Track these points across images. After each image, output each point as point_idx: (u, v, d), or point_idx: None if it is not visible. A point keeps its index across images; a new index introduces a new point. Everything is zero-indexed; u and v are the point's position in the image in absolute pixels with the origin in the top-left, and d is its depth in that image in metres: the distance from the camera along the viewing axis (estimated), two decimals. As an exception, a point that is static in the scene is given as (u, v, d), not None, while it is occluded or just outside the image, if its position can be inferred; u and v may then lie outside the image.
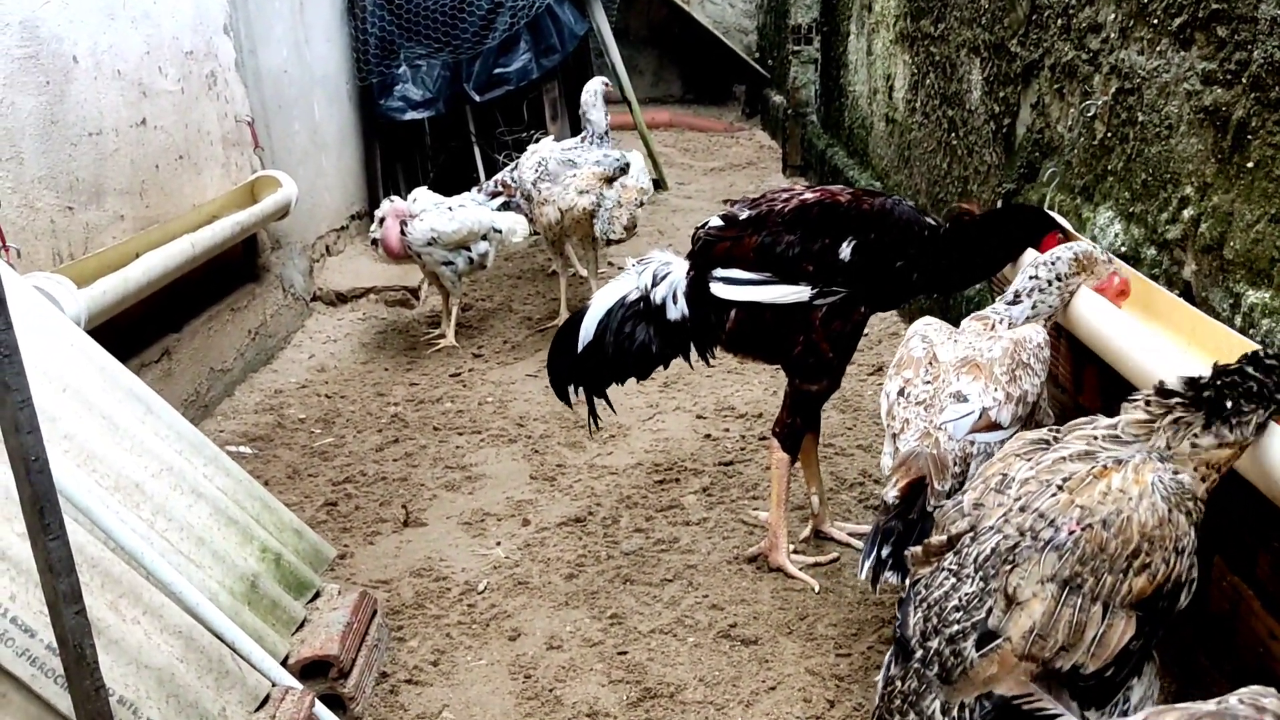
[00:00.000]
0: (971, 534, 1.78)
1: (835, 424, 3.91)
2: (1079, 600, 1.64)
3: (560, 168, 4.95)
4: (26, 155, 3.21)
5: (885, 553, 2.23)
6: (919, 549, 1.94)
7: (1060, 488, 1.71)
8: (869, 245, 2.78)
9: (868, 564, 2.25)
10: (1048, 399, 2.48)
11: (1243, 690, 1.22)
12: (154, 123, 4.01)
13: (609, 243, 5.02)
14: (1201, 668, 2.28)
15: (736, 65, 10.67)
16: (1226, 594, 2.19)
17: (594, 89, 5.29)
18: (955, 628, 1.70)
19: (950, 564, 1.78)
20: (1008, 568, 1.68)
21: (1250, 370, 1.71)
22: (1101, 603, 1.64)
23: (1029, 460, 1.81)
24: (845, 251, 2.78)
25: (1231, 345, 2.13)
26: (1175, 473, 1.73)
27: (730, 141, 9.85)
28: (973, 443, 2.26)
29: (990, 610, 1.68)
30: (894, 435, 2.38)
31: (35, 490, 1.60)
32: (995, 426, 2.27)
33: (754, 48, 11.17)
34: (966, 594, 1.72)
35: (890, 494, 2.28)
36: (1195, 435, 1.70)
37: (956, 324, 3.76)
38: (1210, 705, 1.19)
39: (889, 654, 1.89)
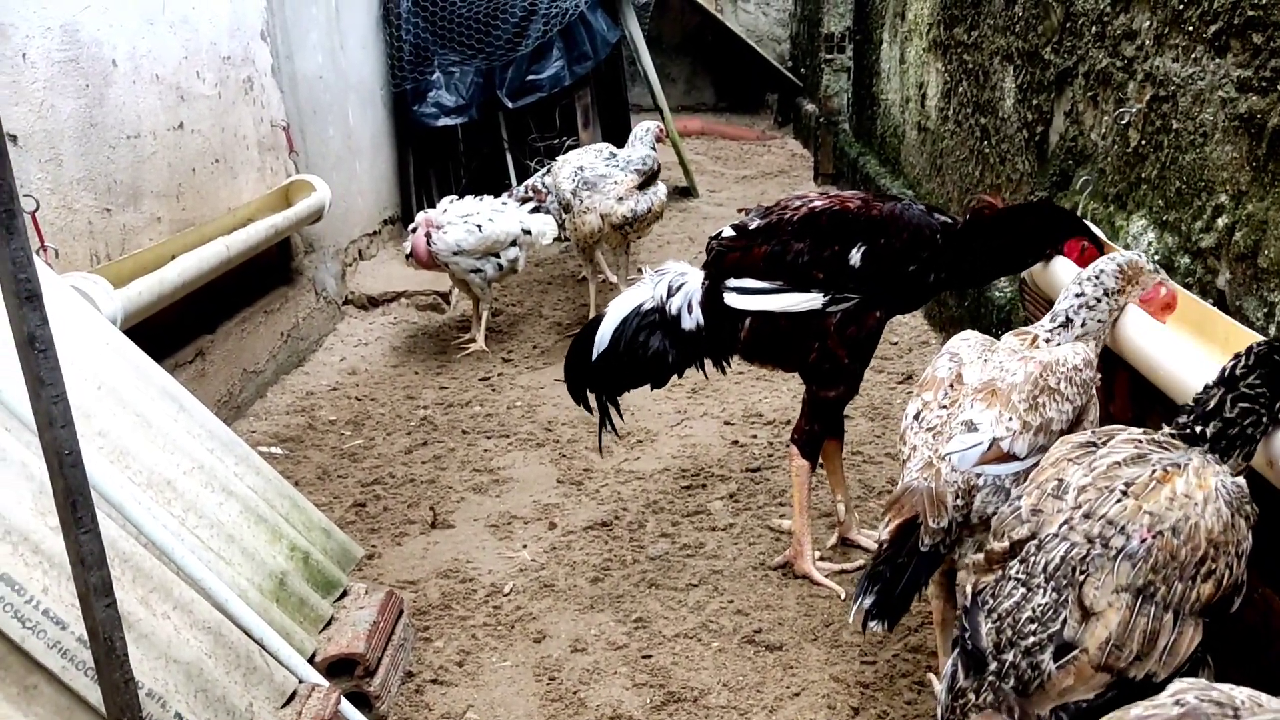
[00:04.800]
0: (1035, 541, 1.76)
1: (864, 431, 3.89)
2: (1152, 609, 1.62)
3: (597, 177, 4.97)
4: (65, 157, 3.27)
5: (869, 602, 2.13)
6: (980, 556, 1.90)
7: (1125, 493, 1.69)
8: (879, 250, 2.77)
9: (854, 609, 2.18)
10: (1097, 421, 2.29)
11: (1183, 684, 1.21)
12: (191, 126, 4.07)
13: (633, 224, 5.01)
14: (1230, 680, 2.24)
15: (769, 73, 10.67)
16: (1258, 606, 2.16)
17: (646, 127, 5.22)
18: (1031, 640, 1.68)
19: (1017, 573, 1.75)
20: (1081, 577, 1.65)
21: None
22: (1173, 611, 1.63)
23: (1080, 464, 1.79)
24: (855, 258, 2.77)
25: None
26: (1233, 474, 1.72)
27: (762, 150, 9.84)
28: (980, 475, 2.15)
29: (1065, 621, 1.66)
30: (904, 462, 2.29)
31: (68, 484, 1.62)
32: (1010, 457, 2.14)
33: (786, 56, 11.17)
34: (1040, 605, 1.69)
35: (882, 533, 2.19)
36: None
37: (988, 332, 3.75)
38: (1175, 708, 1.18)
39: (951, 662, 1.83)
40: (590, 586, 3.00)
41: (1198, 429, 1.75)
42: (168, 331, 3.75)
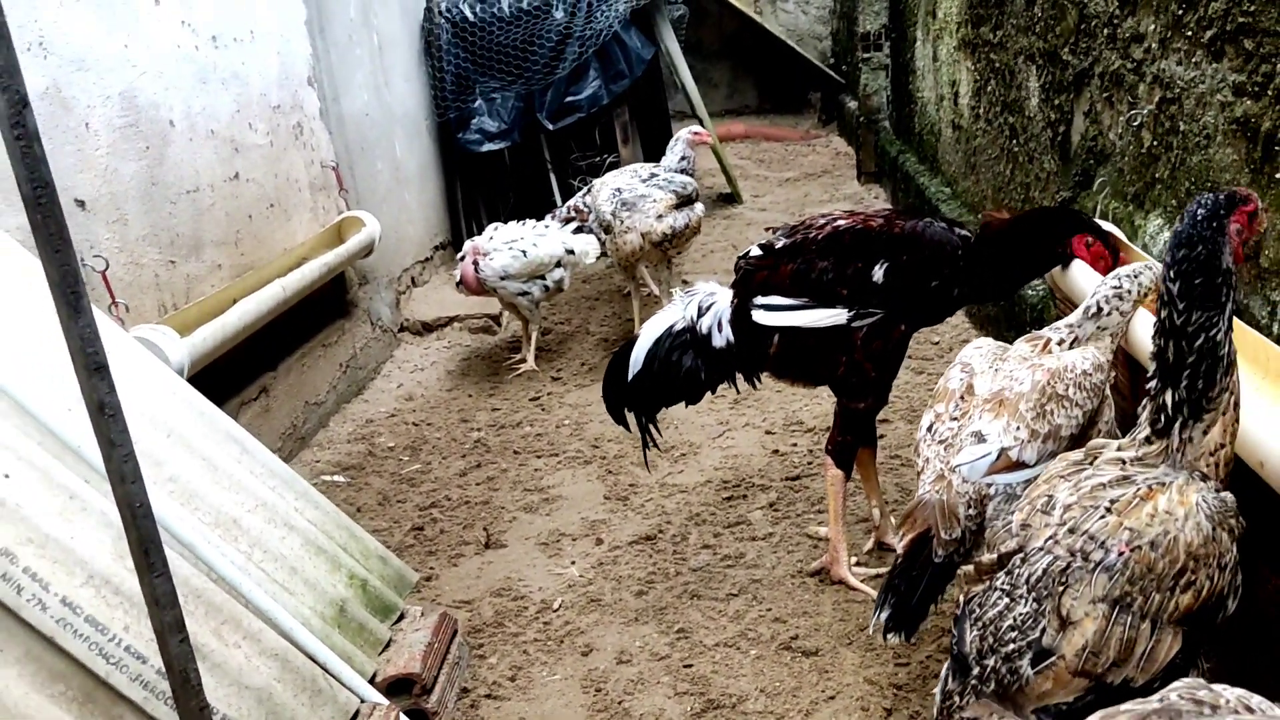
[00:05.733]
0: (1021, 554, 1.86)
1: (902, 434, 3.97)
2: (1129, 618, 1.71)
3: (636, 198, 5.10)
4: (130, 216, 3.51)
5: (886, 615, 2.24)
6: (971, 568, 2.01)
7: (1109, 510, 1.77)
8: (901, 267, 2.86)
9: (874, 621, 2.29)
10: (1113, 421, 2.37)
11: (1179, 684, 1.29)
12: (246, 175, 4.31)
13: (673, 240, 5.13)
14: (1258, 672, 2.30)
15: (811, 72, 10.70)
16: (1273, 599, 2.21)
17: (680, 136, 5.34)
18: (1011, 646, 1.78)
19: (1002, 583, 1.86)
20: (1060, 588, 1.75)
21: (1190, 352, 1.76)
22: (1150, 620, 1.71)
23: (1070, 481, 1.88)
24: (878, 274, 2.87)
25: (1269, 354, 2.15)
26: (1217, 490, 1.79)
27: (806, 150, 9.89)
28: (990, 484, 2.22)
29: (1044, 630, 1.76)
30: (918, 474, 2.39)
31: (140, 533, 1.81)
32: (1019, 465, 2.21)
33: (829, 53, 11.18)
34: (1021, 614, 1.79)
35: (898, 546, 2.31)
36: (1197, 432, 1.76)
37: (1022, 330, 3.80)
38: (1154, 703, 1.26)
39: (946, 667, 1.96)
40: (635, 600, 3.14)
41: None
42: (233, 371, 3.98)
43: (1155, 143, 2.94)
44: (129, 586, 2.05)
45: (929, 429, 2.41)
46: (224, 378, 3.82)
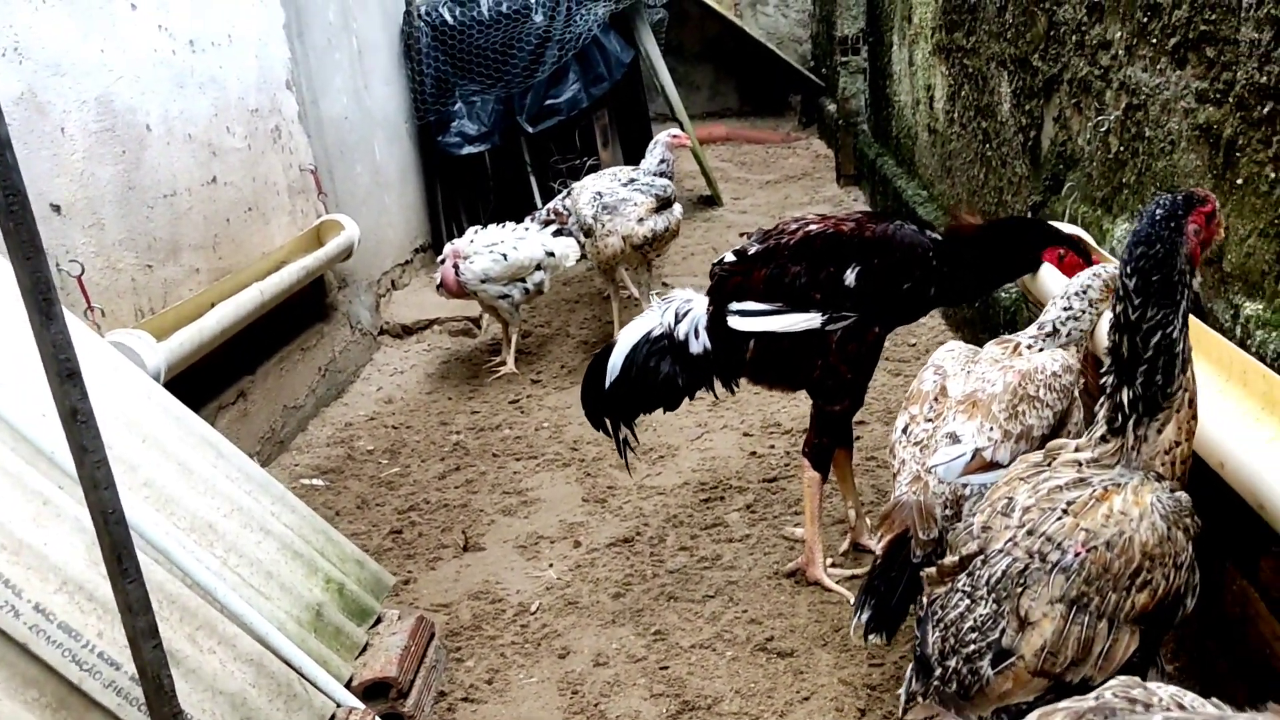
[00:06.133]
0: (982, 556, 1.89)
1: (878, 436, 4.00)
2: (1086, 618, 1.74)
3: (617, 201, 5.11)
4: (107, 221, 3.50)
5: (866, 616, 2.26)
6: (934, 570, 2.04)
7: (1065, 511, 1.80)
8: (873, 270, 2.89)
9: (854, 624, 2.31)
10: (1081, 422, 2.39)
11: (1115, 682, 1.32)
12: (223, 179, 4.31)
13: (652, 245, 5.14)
14: (1221, 672, 2.34)
15: (791, 75, 10.75)
16: (1237, 598, 2.25)
17: (659, 140, 5.31)
18: (971, 647, 1.81)
19: (964, 585, 1.89)
20: (1019, 589, 1.78)
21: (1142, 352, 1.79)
22: (1107, 619, 1.74)
23: (1029, 484, 1.91)
24: (850, 278, 2.90)
25: (1231, 357, 2.19)
26: (1173, 490, 1.83)
27: (787, 152, 9.94)
28: (966, 485, 2.25)
29: (1004, 630, 1.79)
30: (894, 475, 2.42)
31: (113, 539, 1.82)
32: (994, 466, 2.24)
33: (809, 56, 11.23)
34: (981, 615, 1.82)
35: (876, 548, 2.33)
36: (1152, 430, 1.79)
37: (996, 332, 3.84)
38: (1090, 700, 1.29)
39: (909, 669, 2.00)
40: (612, 602, 3.16)
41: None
42: (211, 376, 3.98)
43: (1122, 148, 2.98)
44: (103, 592, 2.05)
45: (904, 431, 2.44)
46: (202, 382, 3.82)
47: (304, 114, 5.12)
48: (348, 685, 2.52)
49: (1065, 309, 2.44)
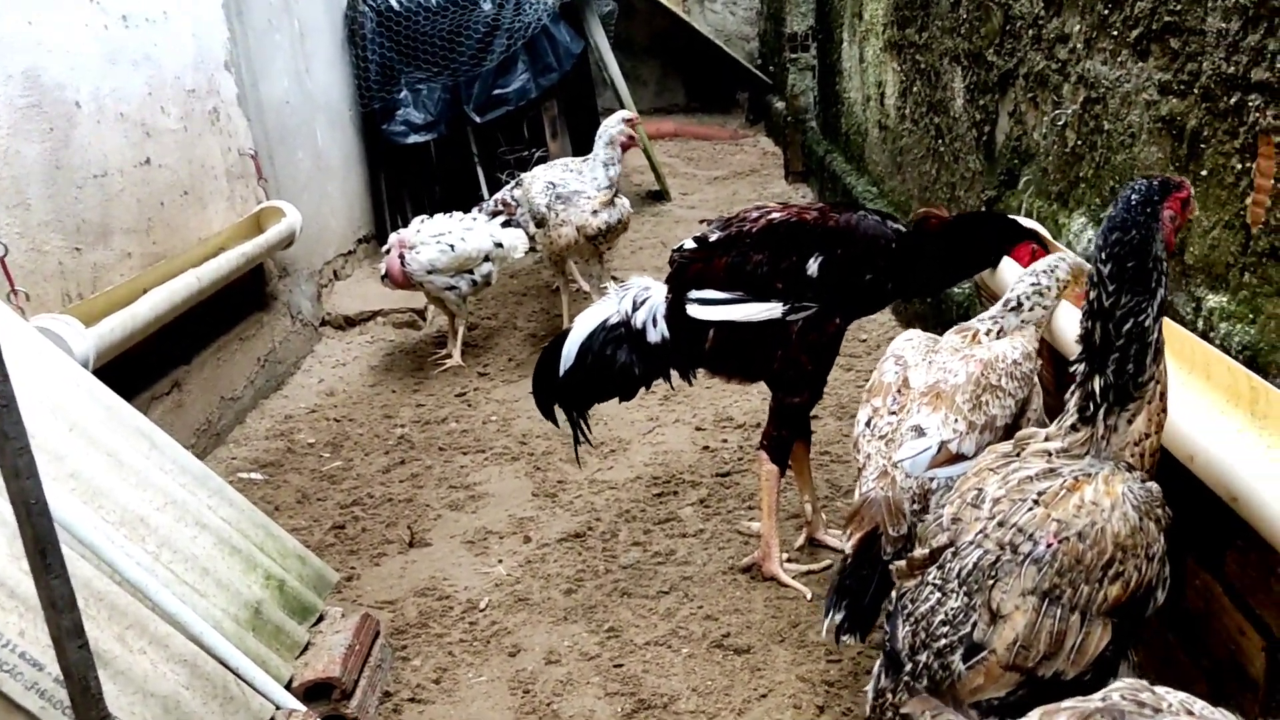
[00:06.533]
0: (952, 549, 1.84)
1: (831, 431, 3.97)
2: (1059, 611, 1.70)
3: (570, 192, 5.01)
4: (33, 201, 3.33)
5: (840, 617, 2.21)
6: (903, 563, 1.99)
7: (1036, 502, 1.76)
8: (835, 261, 2.85)
9: (825, 624, 2.25)
10: (1041, 409, 2.41)
11: (1122, 685, 1.29)
12: (158, 161, 4.13)
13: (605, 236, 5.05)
14: (1182, 665, 2.33)
15: (739, 72, 10.74)
16: (1200, 592, 2.24)
17: (609, 124, 5.16)
18: (943, 642, 1.77)
19: (934, 578, 1.84)
20: (990, 582, 1.74)
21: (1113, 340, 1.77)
22: (1080, 612, 1.71)
23: (999, 474, 1.87)
24: (813, 268, 2.85)
25: (1194, 349, 2.18)
26: (1143, 480, 1.80)
27: (734, 149, 9.92)
28: (933, 479, 2.22)
29: (975, 624, 1.74)
30: (859, 470, 2.37)
31: (36, 532, 1.70)
32: (960, 458, 2.22)
33: (756, 54, 11.23)
34: (952, 609, 1.78)
35: (846, 546, 2.27)
36: (1122, 421, 1.77)
37: (949, 326, 3.82)
38: (1096, 701, 1.25)
39: (878, 665, 1.94)
40: (564, 598, 3.07)
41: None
42: (144, 365, 3.81)
43: (1080, 142, 2.98)
44: (25, 589, 1.92)
45: (867, 424, 2.40)
46: (134, 371, 3.65)
47: (243, 96, 4.95)
48: (288, 686, 2.41)
49: (1033, 285, 2.45)
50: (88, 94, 3.69)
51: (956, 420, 2.25)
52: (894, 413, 2.36)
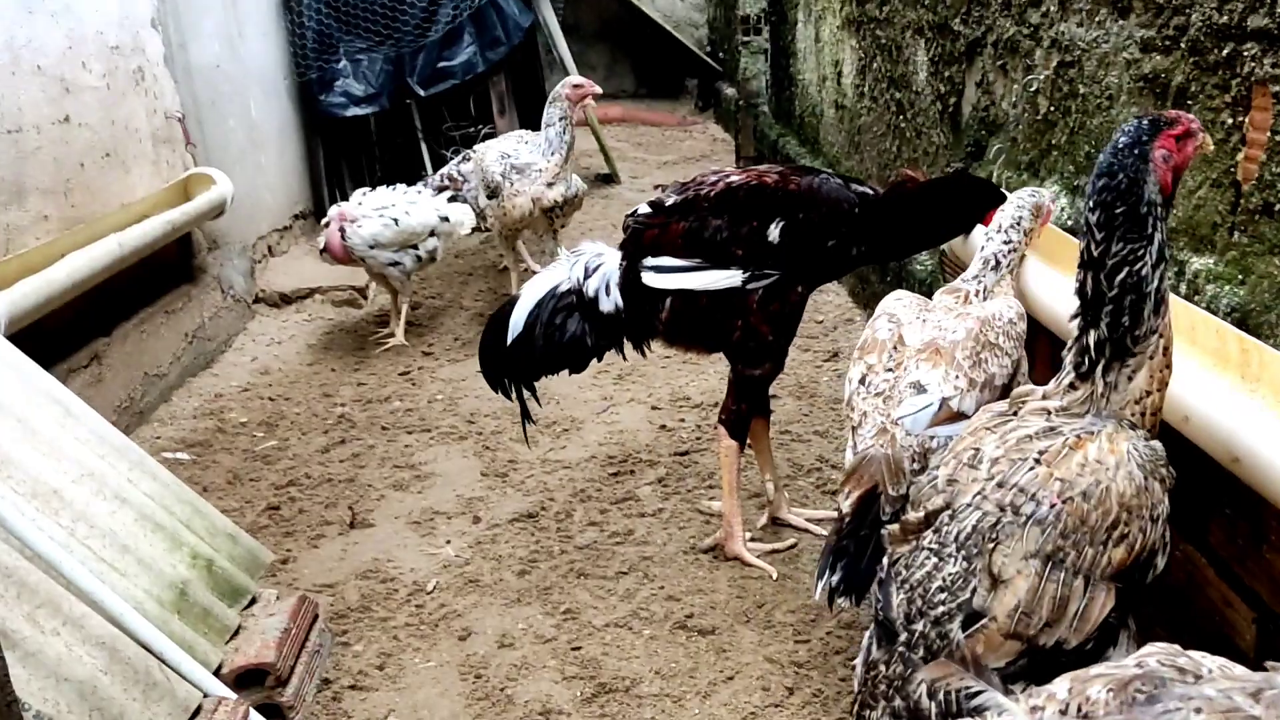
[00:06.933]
0: (949, 511, 1.73)
1: (791, 410, 3.86)
2: (1062, 575, 1.59)
3: (524, 164, 4.84)
4: (-61, 153, 3.07)
5: (836, 579, 2.09)
6: (896, 527, 1.87)
7: (1038, 461, 1.66)
8: (798, 226, 2.72)
9: (820, 586, 2.13)
10: (1027, 371, 2.39)
11: (1156, 650, 1.18)
12: (78, 120, 3.87)
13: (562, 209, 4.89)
14: (1162, 639, 2.25)
15: (688, 59, 10.63)
16: (1181, 564, 2.16)
17: (559, 91, 4.98)
18: (940, 609, 1.65)
19: (930, 543, 1.72)
20: (990, 545, 1.63)
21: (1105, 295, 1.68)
22: (1083, 576, 1.60)
23: (997, 434, 1.76)
24: (774, 234, 2.73)
25: (1176, 312, 2.09)
26: (1147, 439, 1.69)
27: (684, 135, 9.80)
28: (933, 437, 2.14)
29: (975, 590, 1.63)
30: (854, 429, 2.27)
31: (-73, 495, 1.49)
32: (960, 416, 2.13)
33: (705, 41, 11.13)
34: (950, 574, 1.66)
35: (844, 505, 2.16)
36: (1122, 377, 1.67)
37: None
38: (1132, 668, 1.14)
39: (868, 636, 1.82)
40: (517, 580, 2.91)
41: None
42: (60, 335, 3.56)
43: (1052, 108, 2.89)
44: (-83, 563, 1.71)
45: (861, 381, 2.31)
46: (50, 341, 3.40)
47: (170, 57, 4.68)
48: (217, 672, 2.22)
49: (1005, 241, 2.45)
50: (1, 43, 3.43)
51: (957, 377, 2.19)
52: (890, 369, 2.28)
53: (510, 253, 5.22)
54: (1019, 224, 2.47)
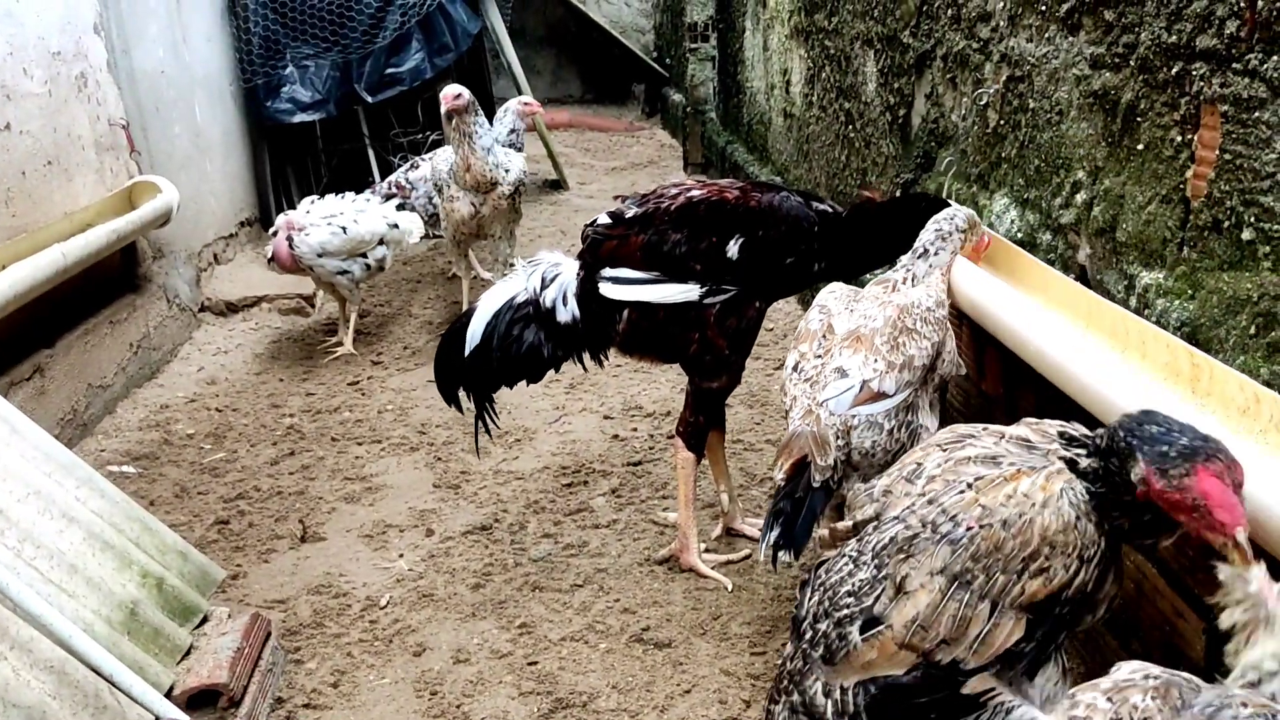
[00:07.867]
0: (876, 521, 1.76)
1: (743, 420, 3.88)
2: (966, 596, 1.62)
3: None
4: None
5: (775, 535, 2.27)
6: (826, 533, 1.92)
7: (969, 486, 1.68)
8: (757, 243, 2.76)
9: (763, 545, 2.30)
10: (955, 351, 2.54)
11: (1135, 666, 1.22)
12: (19, 127, 3.77)
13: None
14: (1109, 650, 2.30)
15: (635, 64, 10.65)
16: (1129, 574, 2.21)
17: (509, 106, 5.20)
18: (844, 611, 1.69)
19: (851, 550, 1.77)
20: (901, 556, 1.66)
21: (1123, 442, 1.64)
22: (990, 601, 1.62)
23: (945, 451, 1.78)
24: (733, 250, 2.76)
25: (1128, 327, 2.15)
26: (1088, 489, 1.71)
27: (631, 141, 9.82)
28: (855, 415, 2.31)
29: (879, 597, 1.66)
30: (786, 412, 2.42)
31: None
32: (881, 396, 2.32)
33: (651, 47, 11.17)
34: (860, 580, 1.71)
35: (778, 475, 2.34)
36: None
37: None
38: (1161, 674, 1.18)
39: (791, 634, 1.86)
40: (471, 594, 2.89)
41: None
42: (2, 347, 3.47)
43: (1002, 122, 2.94)
44: None
45: (794, 368, 2.46)
46: (-12, 354, 3.32)
47: (114, 63, 4.59)
48: (169, 694, 2.17)
49: (937, 230, 2.59)
50: (-64, 47, 3.34)
51: (876, 360, 2.35)
52: (819, 357, 2.43)
53: (461, 260, 5.18)
54: (952, 219, 2.59)
